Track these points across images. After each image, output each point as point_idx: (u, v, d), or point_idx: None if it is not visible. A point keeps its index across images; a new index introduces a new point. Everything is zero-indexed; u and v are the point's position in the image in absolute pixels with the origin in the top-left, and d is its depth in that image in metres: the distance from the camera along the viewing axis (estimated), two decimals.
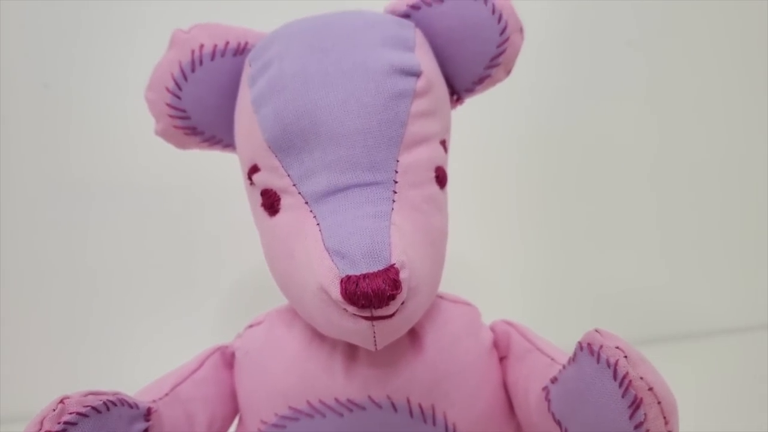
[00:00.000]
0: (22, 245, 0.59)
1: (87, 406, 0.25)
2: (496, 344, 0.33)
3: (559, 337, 0.31)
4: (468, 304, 0.33)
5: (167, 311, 0.59)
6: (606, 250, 0.70)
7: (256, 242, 0.31)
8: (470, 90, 0.32)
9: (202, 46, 0.30)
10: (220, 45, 0.30)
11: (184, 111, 0.31)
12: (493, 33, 0.29)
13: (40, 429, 0.24)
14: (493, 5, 0.29)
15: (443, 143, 0.29)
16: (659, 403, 0.21)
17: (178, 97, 0.31)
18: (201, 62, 0.30)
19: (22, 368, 0.59)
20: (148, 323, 0.59)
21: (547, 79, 0.65)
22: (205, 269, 0.60)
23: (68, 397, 0.24)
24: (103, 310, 0.59)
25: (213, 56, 0.30)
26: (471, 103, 0.33)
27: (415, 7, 0.30)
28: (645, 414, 0.21)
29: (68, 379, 0.55)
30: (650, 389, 0.21)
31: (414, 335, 0.30)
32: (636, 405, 0.21)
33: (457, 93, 0.32)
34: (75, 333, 0.59)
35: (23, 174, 0.59)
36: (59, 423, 0.24)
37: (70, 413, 0.24)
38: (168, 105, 0.31)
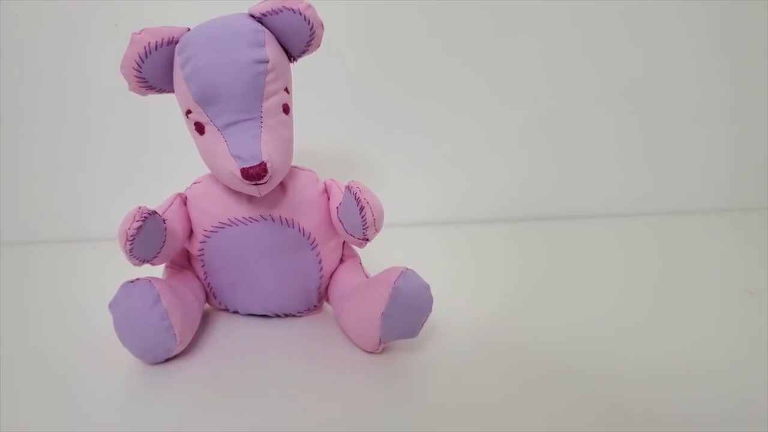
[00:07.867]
0: None
1: (149, 211, 0.45)
2: (326, 190, 0.53)
3: None
4: (311, 170, 0.53)
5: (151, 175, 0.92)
6: None
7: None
8: (299, 56, 0.48)
9: (149, 42, 0.44)
10: (159, 41, 0.44)
11: (144, 78, 0.46)
12: (305, 30, 0.45)
13: (135, 219, 0.42)
14: (305, 16, 0.44)
15: (286, 89, 0.47)
16: (371, 208, 0.44)
17: (140, 71, 0.45)
18: (150, 52, 0.44)
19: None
20: (145, 181, 0.93)
21: None
22: (175, 154, 0.86)
23: (141, 206, 0.44)
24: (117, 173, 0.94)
25: (156, 47, 0.45)
26: None
27: (264, 15, 0.45)
28: (364, 213, 0.44)
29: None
30: (368, 203, 0.44)
31: (282, 185, 0.51)
32: (361, 207, 0.44)
33: (293, 57, 0.48)
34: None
35: None
36: (142, 215, 0.43)
37: (145, 212, 0.44)
38: (134, 76, 0.46)
